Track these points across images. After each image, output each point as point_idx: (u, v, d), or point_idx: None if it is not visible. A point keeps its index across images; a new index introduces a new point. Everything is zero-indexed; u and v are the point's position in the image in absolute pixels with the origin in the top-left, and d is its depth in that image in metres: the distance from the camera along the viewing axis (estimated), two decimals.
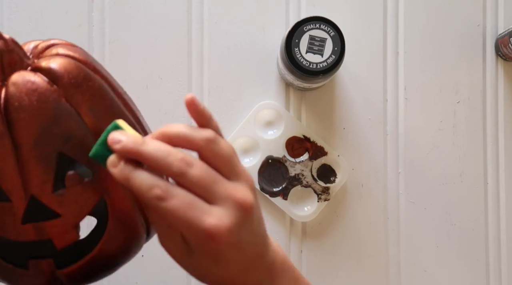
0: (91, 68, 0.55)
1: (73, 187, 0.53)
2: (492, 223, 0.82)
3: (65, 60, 0.54)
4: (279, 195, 0.79)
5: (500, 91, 0.82)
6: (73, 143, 0.52)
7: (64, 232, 0.54)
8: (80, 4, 0.81)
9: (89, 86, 0.54)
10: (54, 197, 0.52)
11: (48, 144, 0.52)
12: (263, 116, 0.80)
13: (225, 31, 0.81)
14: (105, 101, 0.55)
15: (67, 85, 0.52)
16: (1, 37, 0.53)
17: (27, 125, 0.51)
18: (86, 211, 0.54)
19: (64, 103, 0.52)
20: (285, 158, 0.79)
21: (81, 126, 0.53)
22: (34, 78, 0.52)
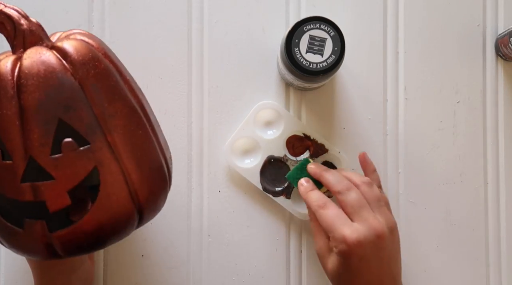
0: (101, 52, 0.62)
1: (68, 153, 0.57)
2: (492, 223, 0.82)
3: (77, 42, 0.60)
4: (282, 194, 0.79)
5: (500, 91, 0.82)
6: (74, 113, 0.58)
7: (57, 196, 0.58)
8: (80, 4, 0.81)
9: (95, 65, 0.60)
10: (50, 160, 0.57)
11: (50, 110, 0.57)
12: (262, 116, 0.80)
13: (225, 31, 0.81)
14: (109, 82, 0.61)
15: (74, 62, 0.59)
16: (27, 19, 0.61)
17: (33, 90, 0.57)
18: (79, 178, 0.58)
19: (69, 76, 0.58)
20: (286, 157, 0.79)
21: (82, 99, 0.58)
22: (46, 52, 0.59)
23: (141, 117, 0.63)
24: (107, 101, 0.60)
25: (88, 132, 0.58)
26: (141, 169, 0.61)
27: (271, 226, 0.80)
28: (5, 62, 0.59)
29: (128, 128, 0.61)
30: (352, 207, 0.65)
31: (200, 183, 0.80)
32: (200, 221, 0.80)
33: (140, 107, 0.64)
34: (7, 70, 0.58)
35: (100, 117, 0.59)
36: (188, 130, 0.80)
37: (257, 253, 0.80)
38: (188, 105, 0.81)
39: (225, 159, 0.79)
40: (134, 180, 0.60)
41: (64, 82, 0.58)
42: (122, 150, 0.60)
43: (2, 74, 0.58)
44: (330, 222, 0.65)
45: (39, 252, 0.61)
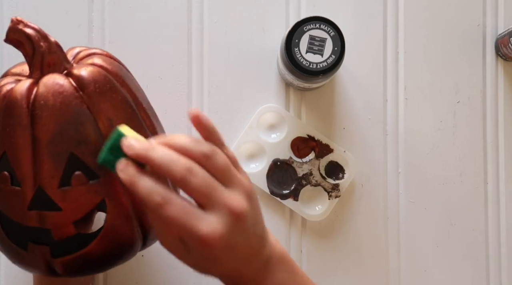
0: (119, 81, 0.61)
1: (77, 186, 0.57)
2: (492, 223, 0.82)
3: (96, 69, 0.59)
4: (290, 196, 0.79)
5: (500, 91, 0.82)
6: (86, 147, 0.57)
7: (62, 226, 0.58)
8: (80, 4, 0.81)
9: (112, 97, 0.59)
10: (58, 192, 0.57)
11: (62, 144, 0.57)
12: (265, 120, 0.80)
13: (225, 31, 0.81)
14: (125, 114, 0.60)
15: (91, 93, 0.58)
16: (47, 40, 0.60)
17: (47, 122, 0.57)
18: (86, 210, 0.58)
19: (84, 109, 0.58)
20: (292, 159, 0.79)
21: (96, 133, 0.58)
22: (63, 81, 0.58)
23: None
24: None
25: (98, 166, 0.58)
26: None
27: (271, 226, 0.80)
28: (21, 88, 0.58)
29: None
30: (201, 194, 0.53)
31: None
32: None
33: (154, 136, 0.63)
34: (22, 97, 0.57)
35: None
36: (188, 130, 0.80)
37: None
38: (188, 105, 0.81)
39: None
40: (141, 211, 0.60)
41: (79, 116, 0.57)
42: None
43: (17, 101, 0.57)
44: (178, 223, 0.52)
45: (41, 271, 0.61)
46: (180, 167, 0.52)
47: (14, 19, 0.60)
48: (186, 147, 0.53)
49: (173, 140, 0.54)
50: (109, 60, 0.62)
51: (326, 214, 0.79)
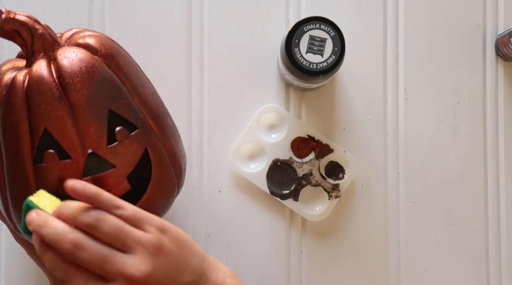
0: (114, 42, 0.66)
1: (123, 140, 0.61)
2: (492, 223, 0.82)
3: (97, 36, 0.64)
4: (290, 197, 0.79)
5: (500, 91, 0.82)
6: (119, 102, 0.61)
7: (119, 182, 0.61)
8: (80, 4, 0.81)
9: (121, 55, 0.64)
10: (108, 150, 0.61)
11: (100, 103, 0.60)
12: (265, 120, 0.80)
13: (225, 31, 0.81)
14: (134, 69, 0.65)
15: (105, 55, 0.62)
16: (40, 23, 0.63)
17: (80, 87, 0.60)
18: (135, 161, 0.62)
19: (107, 69, 0.62)
20: (292, 159, 0.79)
21: (121, 88, 0.62)
22: (78, 50, 0.61)
23: (160, 98, 0.68)
24: (139, 88, 0.64)
25: (134, 118, 0.62)
26: (173, 144, 0.66)
27: (271, 226, 0.80)
28: (38, 67, 0.60)
29: (159, 110, 0.66)
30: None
31: (200, 183, 0.80)
32: (200, 221, 0.80)
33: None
34: (46, 73, 0.60)
35: (138, 103, 0.63)
36: (188, 130, 0.80)
37: (257, 253, 0.80)
38: (188, 105, 0.81)
39: (231, 165, 0.79)
40: (171, 156, 0.65)
41: (105, 75, 0.61)
42: (158, 131, 0.64)
43: (43, 78, 0.59)
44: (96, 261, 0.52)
45: None
46: (68, 242, 0.52)
47: (3, 11, 0.61)
48: (74, 218, 0.53)
49: (62, 209, 0.54)
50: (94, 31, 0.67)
51: (326, 214, 0.79)
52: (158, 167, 0.64)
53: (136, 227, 0.54)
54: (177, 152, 0.67)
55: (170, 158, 0.65)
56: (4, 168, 0.61)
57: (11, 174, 0.61)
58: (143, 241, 0.53)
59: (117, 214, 0.54)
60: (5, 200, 0.63)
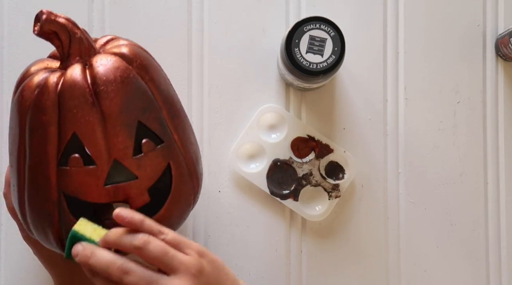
0: (148, 55, 0.66)
1: (148, 152, 0.61)
2: (492, 223, 0.82)
3: (132, 47, 0.64)
4: (290, 197, 0.79)
5: (500, 91, 0.82)
6: (149, 114, 0.62)
7: (139, 194, 0.61)
8: (80, 4, 0.81)
9: (154, 68, 0.64)
10: (133, 161, 0.61)
11: (131, 114, 0.60)
12: (265, 120, 0.80)
13: (225, 31, 0.81)
14: (165, 83, 0.65)
15: (139, 67, 0.62)
16: (78, 27, 0.63)
17: (114, 96, 0.60)
18: (158, 174, 0.62)
19: (140, 80, 0.62)
20: (292, 159, 0.79)
21: (153, 101, 0.62)
22: (114, 58, 0.61)
23: (185, 113, 0.68)
24: (168, 102, 0.64)
25: (161, 131, 0.62)
26: (194, 160, 0.67)
27: (271, 226, 0.80)
28: (74, 71, 0.60)
29: (183, 125, 0.66)
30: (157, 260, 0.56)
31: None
32: (200, 221, 0.80)
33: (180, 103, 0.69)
34: (80, 79, 0.60)
35: (166, 117, 0.63)
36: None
37: (257, 253, 0.80)
38: (188, 105, 0.81)
39: (231, 166, 0.79)
40: (191, 171, 0.65)
41: (138, 86, 0.61)
42: (181, 146, 0.64)
43: (77, 83, 0.60)
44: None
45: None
46: (115, 269, 0.55)
47: (45, 11, 0.61)
48: (120, 243, 0.57)
49: (108, 237, 0.58)
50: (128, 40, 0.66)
51: (326, 214, 0.79)
52: (179, 182, 0.64)
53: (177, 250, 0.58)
54: (197, 168, 0.67)
55: (190, 174, 0.66)
56: (25, 168, 0.61)
57: (33, 174, 0.61)
58: (186, 263, 0.57)
59: (159, 239, 0.57)
60: (21, 200, 0.63)
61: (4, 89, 0.80)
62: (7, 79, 0.80)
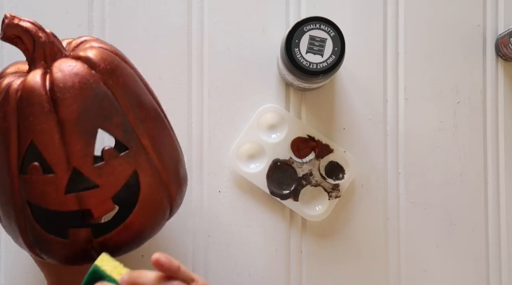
0: (121, 58, 0.63)
1: (110, 160, 0.60)
2: (492, 223, 0.82)
3: (99, 50, 0.62)
4: (290, 197, 0.79)
5: (500, 91, 0.82)
6: (110, 121, 0.59)
7: (102, 202, 0.60)
8: (80, 4, 0.81)
9: (122, 72, 0.62)
10: (94, 169, 0.59)
11: (89, 121, 0.59)
12: (265, 120, 0.80)
13: (225, 31, 0.81)
14: (135, 87, 0.63)
15: (103, 71, 0.60)
16: (44, 31, 0.61)
17: (71, 103, 0.58)
18: (121, 182, 0.60)
19: (102, 86, 0.59)
20: (292, 159, 0.79)
21: (116, 107, 0.60)
22: (76, 63, 0.59)
23: (163, 118, 0.66)
24: (137, 106, 0.62)
25: (125, 138, 0.60)
26: (170, 167, 0.64)
27: (271, 226, 0.80)
28: (33, 77, 0.59)
29: (157, 130, 0.63)
30: None
31: (200, 183, 0.80)
32: (200, 221, 0.80)
33: (160, 108, 0.67)
34: (38, 85, 0.59)
35: (133, 122, 0.61)
36: (188, 130, 0.80)
37: (257, 253, 0.80)
38: (188, 105, 0.81)
39: (231, 165, 0.79)
40: (166, 179, 0.63)
41: (99, 92, 0.59)
42: (153, 152, 0.62)
43: (35, 90, 0.58)
44: None
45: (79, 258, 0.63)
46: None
47: (8, 15, 0.60)
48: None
49: (140, 279, 0.57)
50: (104, 42, 0.65)
51: (326, 214, 0.79)
52: (148, 190, 0.62)
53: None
54: (174, 175, 0.65)
55: (164, 181, 0.63)
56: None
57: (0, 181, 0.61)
58: None
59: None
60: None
61: None
62: None
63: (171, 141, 0.66)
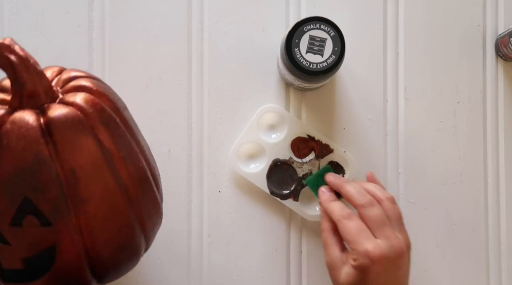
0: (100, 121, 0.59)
1: (28, 228, 0.58)
2: (492, 223, 0.82)
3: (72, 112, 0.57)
4: (290, 197, 0.79)
5: (500, 91, 0.82)
6: (42, 194, 0.56)
7: (11, 259, 0.59)
8: (80, 4, 0.81)
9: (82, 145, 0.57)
10: (9, 229, 0.58)
11: (18, 186, 0.56)
12: (265, 120, 0.80)
13: (225, 31, 0.81)
14: (93, 164, 0.58)
15: (59, 141, 0.56)
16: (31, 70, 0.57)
17: (6, 163, 0.56)
18: (35, 251, 0.59)
19: (47, 158, 0.56)
20: (292, 159, 0.79)
21: (55, 181, 0.56)
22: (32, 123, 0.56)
23: (125, 199, 0.61)
24: (84, 186, 0.58)
25: (53, 213, 0.57)
26: (107, 249, 0.61)
27: (271, 226, 0.80)
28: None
29: (101, 213, 0.59)
30: (374, 223, 0.65)
31: (200, 183, 0.80)
32: (200, 221, 0.80)
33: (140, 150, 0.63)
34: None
35: (71, 200, 0.58)
36: (188, 130, 0.80)
37: (257, 253, 0.80)
38: (188, 105, 0.81)
39: (231, 165, 0.79)
40: (96, 260, 0.61)
41: (39, 163, 0.56)
42: (88, 231, 0.59)
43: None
44: (353, 234, 0.64)
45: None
46: (364, 198, 0.66)
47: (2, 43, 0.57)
48: (373, 190, 0.68)
49: (363, 184, 0.70)
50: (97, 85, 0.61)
51: None
52: (62, 267, 0.59)
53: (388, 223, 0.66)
54: (108, 257, 0.61)
55: (90, 262, 0.61)
56: None
57: None
58: (406, 235, 0.67)
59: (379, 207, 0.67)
60: None
61: None
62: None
63: (123, 223, 0.61)
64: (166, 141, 0.80)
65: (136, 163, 0.62)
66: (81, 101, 0.58)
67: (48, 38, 0.80)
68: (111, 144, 0.59)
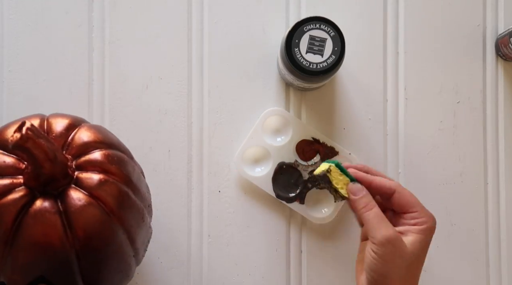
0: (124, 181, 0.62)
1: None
2: (492, 223, 0.82)
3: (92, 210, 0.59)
4: (296, 200, 0.78)
5: (500, 91, 0.82)
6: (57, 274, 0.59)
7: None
8: (80, 4, 0.81)
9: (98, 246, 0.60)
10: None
11: (35, 269, 0.59)
12: (270, 124, 0.79)
13: (225, 31, 0.81)
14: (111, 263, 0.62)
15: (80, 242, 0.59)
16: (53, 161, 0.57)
17: (23, 248, 0.58)
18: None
19: (68, 252, 0.58)
20: (297, 162, 0.79)
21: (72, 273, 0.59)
22: (55, 221, 0.58)
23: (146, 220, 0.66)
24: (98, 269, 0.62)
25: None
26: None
27: (271, 226, 0.80)
28: (12, 200, 0.58)
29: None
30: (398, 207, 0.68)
31: (200, 183, 0.80)
32: (200, 221, 0.80)
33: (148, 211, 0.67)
34: (10, 217, 0.58)
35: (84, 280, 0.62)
36: (188, 130, 0.80)
37: (257, 253, 0.80)
38: (188, 105, 0.81)
39: (237, 170, 0.79)
40: None
41: (59, 260, 0.58)
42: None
43: (4, 213, 0.57)
44: (415, 201, 0.69)
45: None
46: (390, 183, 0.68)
47: (24, 134, 0.55)
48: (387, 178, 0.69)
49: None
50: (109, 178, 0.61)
51: (332, 216, 0.79)
52: None
53: None
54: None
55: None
56: None
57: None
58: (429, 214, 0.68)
59: None
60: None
61: (4, 89, 0.80)
62: (7, 79, 0.80)
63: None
64: (166, 141, 0.80)
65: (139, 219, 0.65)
66: (97, 187, 0.60)
67: (48, 38, 0.80)
68: (124, 221, 0.62)
